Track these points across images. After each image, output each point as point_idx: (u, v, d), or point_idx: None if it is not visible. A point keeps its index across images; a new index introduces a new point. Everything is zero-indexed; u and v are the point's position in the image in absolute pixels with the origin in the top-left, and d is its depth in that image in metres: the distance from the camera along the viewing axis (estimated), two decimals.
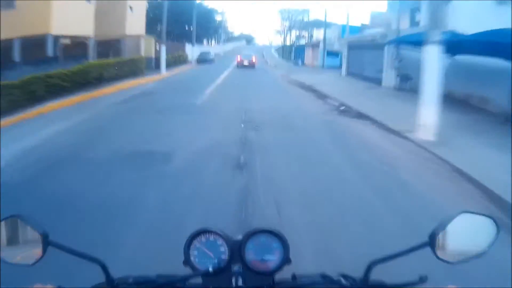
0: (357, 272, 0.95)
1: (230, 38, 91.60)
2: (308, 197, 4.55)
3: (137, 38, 22.62)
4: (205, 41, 60.54)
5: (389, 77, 18.19)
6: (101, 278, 0.91)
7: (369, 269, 0.92)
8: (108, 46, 25.51)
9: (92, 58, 23.11)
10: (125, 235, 3.48)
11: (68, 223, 3.61)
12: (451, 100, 14.24)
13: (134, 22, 29.14)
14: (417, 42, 16.12)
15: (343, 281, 0.93)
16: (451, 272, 1.33)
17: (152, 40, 23.87)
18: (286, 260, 0.94)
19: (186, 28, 47.89)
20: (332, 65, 32.62)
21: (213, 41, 68.06)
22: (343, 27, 36.65)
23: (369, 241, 3.42)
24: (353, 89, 17.03)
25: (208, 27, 55.59)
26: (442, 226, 0.87)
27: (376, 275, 0.92)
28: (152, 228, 3.65)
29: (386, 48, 18.43)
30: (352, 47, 24.08)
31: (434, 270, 1.05)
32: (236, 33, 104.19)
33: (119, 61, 18.66)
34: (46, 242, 0.88)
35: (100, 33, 27.05)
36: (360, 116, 10.29)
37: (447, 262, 0.88)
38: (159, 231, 3.58)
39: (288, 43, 66.46)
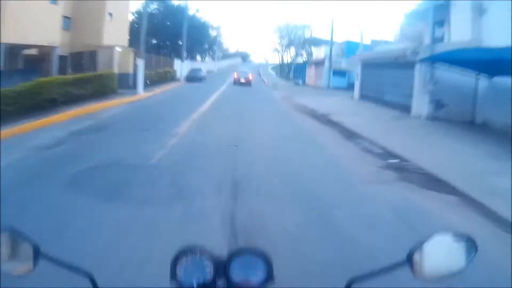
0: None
1: (225, 55, 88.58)
2: None
3: (110, 49, 18.57)
4: (198, 57, 57.06)
5: (421, 104, 14.34)
6: None
7: (348, 286, 0.94)
8: (83, 58, 21.59)
9: (55, 73, 19.23)
10: None
11: None
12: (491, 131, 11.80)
13: (114, 31, 25.27)
14: (460, 60, 12.53)
15: None
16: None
17: (129, 53, 19.81)
18: (269, 278, 0.95)
19: (180, 43, 44.42)
20: (338, 85, 28.95)
21: (207, 57, 64.65)
22: (349, 44, 33.23)
23: None
24: (380, 120, 13.10)
25: (201, 42, 52.08)
26: (420, 245, 0.90)
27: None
28: None
29: (417, 67, 14.67)
30: (368, 65, 20.34)
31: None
32: (232, 50, 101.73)
33: (81, 77, 14.58)
34: (37, 255, 0.93)
35: (74, 43, 23.12)
36: (431, 181, 6.10)
37: (425, 280, 0.89)
38: None
39: (286, 61, 63.40)
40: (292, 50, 60.46)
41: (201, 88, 26.09)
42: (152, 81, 23.44)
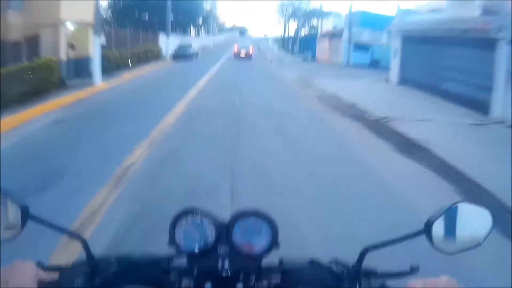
0: (348, 255, 0.92)
1: (221, 30, 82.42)
2: None
3: (55, 27, 12.99)
4: (192, 32, 51.05)
5: (507, 101, 9.19)
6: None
7: (362, 255, 0.89)
8: (31, 42, 16.01)
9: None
10: None
11: None
12: None
13: (79, 7, 19.44)
14: None
15: (333, 267, 0.92)
16: (445, 262, 1.27)
17: (87, 30, 14.23)
18: (274, 243, 0.90)
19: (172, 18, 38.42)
20: (359, 62, 23.44)
21: (201, 32, 58.51)
22: (363, 14, 27.43)
23: None
24: (459, 128, 7.95)
25: (193, 14, 46.00)
26: (438, 214, 0.86)
27: (369, 261, 0.88)
28: None
29: (504, 48, 9.53)
30: (413, 39, 14.88)
31: (428, 260, 1.04)
32: (228, 24, 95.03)
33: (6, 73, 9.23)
34: (26, 216, 0.85)
35: (28, 25, 17.41)
36: None
37: (442, 251, 0.86)
38: None
39: (288, 34, 57.23)
40: (295, 23, 54.13)
41: (188, 69, 20.74)
42: (123, 63, 18.04)
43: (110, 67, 15.93)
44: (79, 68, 13.85)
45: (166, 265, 0.92)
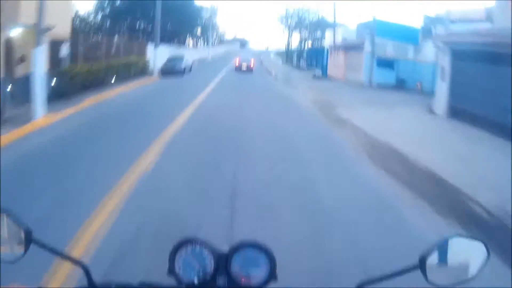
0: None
1: (222, 41, 79.01)
2: None
3: None
4: (190, 43, 47.57)
5: None
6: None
7: None
8: None
9: None
10: None
11: None
12: None
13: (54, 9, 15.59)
14: None
15: None
16: None
17: (30, 36, 10.18)
18: (272, 276, 0.91)
19: (168, 27, 34.67)
20: (384, 82, 19.70)
21: (200, 43, 55.02)
22: (380, 24, 23.84)
23: None
24: None
25: (192, 24, 42.51)
26: (432, 249, 0.87)
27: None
28: None
29: None
30: (467, 56, 11.12)
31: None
32: (229, 36, 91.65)
33: None
34: (29, 240, 0.87)
35: None
36: None
37: (437, 285, 0.86)
38: None
39: (291, 46, 53.86)
40: (300, 35, 50.71)
41: (175, 89, 17.03)
42: (92, 82, 14.18)
43: (71, 88, 12.12)
44: (23, 92, 9.98)
45: None
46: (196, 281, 0.89)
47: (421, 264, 0.86)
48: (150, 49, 22.92)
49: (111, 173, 5.36)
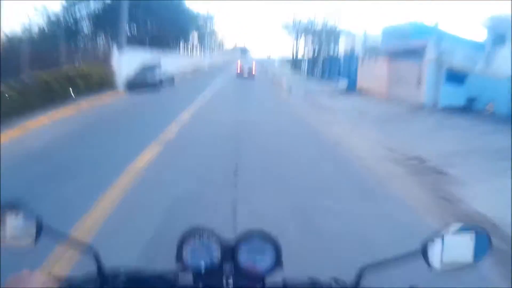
0: (349, 275, 0.94)
1: (221, 50, 73.04)
2: None
3: None
4: (182, 49, 41.22)
5: None
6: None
7: (360, 274, 0.92)
8: None
9: None
10: None
11: None
12: None
13: None
14: None
15: (333, 285, 0.95)
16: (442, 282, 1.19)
17: None
18: (277, 263, 0.93)
19: (152, 29, 28.37)
20: (452, 102, 13.10)
21: (197, 50, 48.75)
22: (415, 26, 17.48)
23: None
24: None
25: (183, 29, 36.17)
26: (435, 235, 0.88)
27: (367, 280, 0.91)
28: None
29: None
30: None
31: (425, 279, 1.06)
32: (229, 45, 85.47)
33: None
34: (40, 228, 0.89)
35: None
36: None
37: (437, 270, 0.88)
38: None
39: (297, 54, 47.56)
40: (307, 41, 44.29)
41: (141, 115, 10.55)
42: (22, 103, 7.82)
43: None
44: None
45: (173, 282, 0.94)
46: (203, 269, 0.91)
47: (423, 250, 0.88)
48: (116, 55, 16.39)
49: None
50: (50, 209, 3.51)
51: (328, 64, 29.99)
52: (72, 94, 11.90)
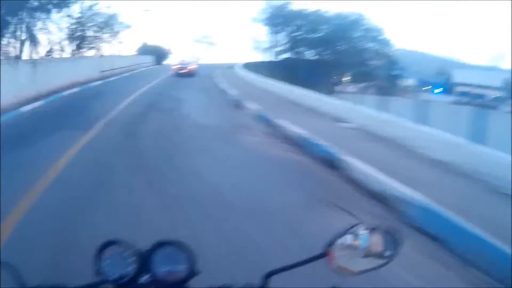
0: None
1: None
2: None
3: None
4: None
5: None
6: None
7: (265, 280, 0.95)
8: None
9: None
10: None
11: None
12: None
13: None
14: None
15: None
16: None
17: None
18: (193, 271, 0.96)
19: None
20: None
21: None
22: None
23: None
24: None
25: None
26: (337, 236, 0.89)
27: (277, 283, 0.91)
28: None
29: None
30: None
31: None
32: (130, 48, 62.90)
33: None
34: None
35: None
36: None
37: (344, 272, 0.87)
38: None
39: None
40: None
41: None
42: None
43: None
44: None
45: None
46: (119, 280, 0.91)
47: (326, 252, 0.88)
48: None
49: None
50: None
51: None
52: None
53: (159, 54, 51.00)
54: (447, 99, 39.13)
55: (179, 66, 28.48)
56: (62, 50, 26.64)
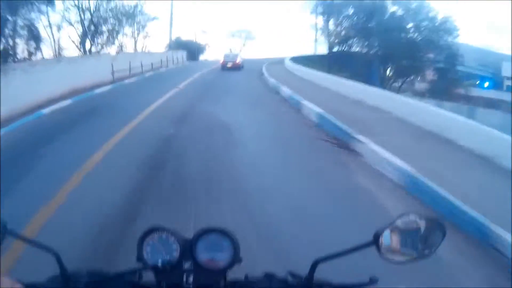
0: (305, 270, 0.93)
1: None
2: None
3: None
4: None
5: None
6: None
7: (313, 267, 0.94)
8: None
9: None
10: None
11: None
12: None
13: None
14: None
15: (289, 280, 0.96)
16: (399, 272, 1.11)
17: None
18: (236, 259, 0.95)
19: None
20: None
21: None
22: None
23: None
24: None
25: None
26: (388, 225, 0.88)
27: (323, 272, 0.91)
28: None
29: None
30: None
31: (382, 270, 1.00)
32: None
33: None
34: (4, 231, 0.89)
35: None
36: None
37: (391, 262, 0.87)
38: None
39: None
40: None
41: None
42: None
43: None
44: None
45: (135, 279, 0.97)
46: (160, 265, 0.92)
47: (376, 240, 0.87)
48: None
49: None
50: None
51: None
52: None
53: (194, 50, 45.32)
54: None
55: (224, 60, 26.35)
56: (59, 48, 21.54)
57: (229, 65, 25.42)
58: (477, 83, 43.99)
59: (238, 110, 10.57)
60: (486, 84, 43.29)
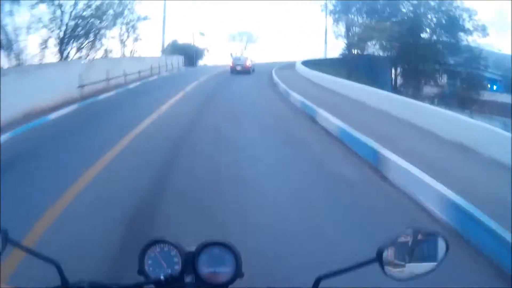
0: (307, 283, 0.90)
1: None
2: None
3: None
4: None
5: None
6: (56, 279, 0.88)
7: (316, 283, 0.91)
8: None
9: None
10: None
11: None
12: None
13: None
14: None
15: None
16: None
17: None
18: (238, 273, 0.93)
19: None
20: None
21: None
22: None
23: None
24: None
25: None
26: (389, 242, 0.86)
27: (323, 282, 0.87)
28: None
29: None
30: None
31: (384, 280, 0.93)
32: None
33: None
34: (5, 240, 0.87)
35: None
36: None
37: (394, 278, 0.85)
38: None
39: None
40: None
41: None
42: None
43: None
44: None
45: None
46: (163, 279, 0.89)
47: (379, 257, 0.85)
48: None
49: None
50: None
51: None
52: None
53: (192, 54, 40.96)
54: None
55: (234, 63, 25.95)
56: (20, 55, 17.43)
57: (239, 68, 24.87)
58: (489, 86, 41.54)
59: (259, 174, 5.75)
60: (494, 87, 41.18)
